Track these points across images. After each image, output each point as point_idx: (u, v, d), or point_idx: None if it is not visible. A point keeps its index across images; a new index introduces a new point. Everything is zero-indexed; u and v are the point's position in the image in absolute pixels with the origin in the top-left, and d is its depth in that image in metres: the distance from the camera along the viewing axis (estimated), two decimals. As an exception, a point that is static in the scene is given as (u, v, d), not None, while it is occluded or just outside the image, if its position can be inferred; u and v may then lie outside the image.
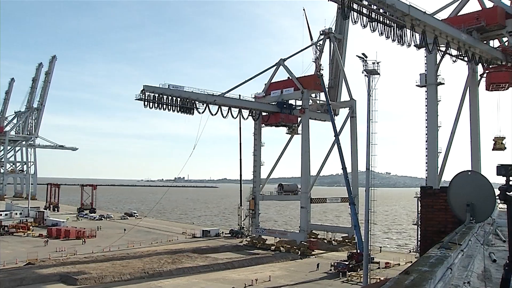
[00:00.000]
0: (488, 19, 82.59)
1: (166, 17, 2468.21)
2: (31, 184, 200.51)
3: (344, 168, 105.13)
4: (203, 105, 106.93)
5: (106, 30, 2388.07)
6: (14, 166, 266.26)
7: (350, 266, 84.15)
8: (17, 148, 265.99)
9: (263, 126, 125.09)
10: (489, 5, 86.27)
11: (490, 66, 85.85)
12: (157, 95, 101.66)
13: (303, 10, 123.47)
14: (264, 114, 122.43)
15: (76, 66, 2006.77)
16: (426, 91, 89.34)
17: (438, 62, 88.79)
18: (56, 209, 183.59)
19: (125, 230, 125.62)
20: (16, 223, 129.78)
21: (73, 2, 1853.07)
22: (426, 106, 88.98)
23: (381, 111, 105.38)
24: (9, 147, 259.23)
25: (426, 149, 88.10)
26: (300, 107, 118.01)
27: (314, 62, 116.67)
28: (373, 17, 61.86)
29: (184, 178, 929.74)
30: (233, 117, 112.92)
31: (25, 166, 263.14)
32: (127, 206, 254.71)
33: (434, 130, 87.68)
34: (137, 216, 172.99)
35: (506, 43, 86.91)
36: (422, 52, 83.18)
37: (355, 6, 59.82)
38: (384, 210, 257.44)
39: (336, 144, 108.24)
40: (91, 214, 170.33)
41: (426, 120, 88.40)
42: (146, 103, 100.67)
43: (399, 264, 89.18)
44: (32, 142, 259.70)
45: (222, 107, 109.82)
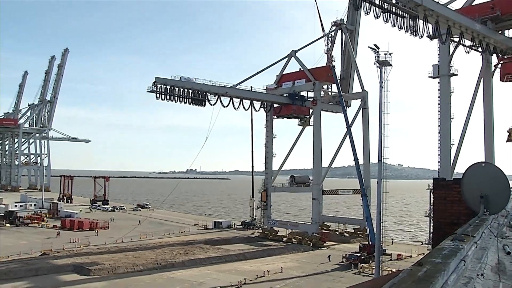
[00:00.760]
0: (503, 8, 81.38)
1: (177, 10, 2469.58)
2: (45, 176, 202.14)
3: (356, 159, 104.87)
4: (215, 97, 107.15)
5: (118, 24, 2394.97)
6: (28, 158, 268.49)
7: (362, 257, 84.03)
8: (31, 140, 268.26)
9: (275, 118, 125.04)
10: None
11: (505, 57, 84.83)
12: (168, 87, 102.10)
13: (315, 1, 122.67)
14: (275, 105, 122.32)
15: (89, 59, 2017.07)
16: (439, 82, 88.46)
17: (451, 53, 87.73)
18: (69, 200, 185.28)
19: (140, 222, 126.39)
20: (30, 214, 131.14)
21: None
22: (439, 97, 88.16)
23: (393, 103, 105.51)
24: (23, 140, 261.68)
25: (439, 140, 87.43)
26: (311, 99, 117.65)
27: (325, 53, 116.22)
28: (385, 7, 61.40)
29: (196, 170, 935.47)
30: (244, 108, 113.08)
31: (39, 158, 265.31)
32: (140, 198, 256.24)
33: (447, 122, 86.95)
34: (149, 207, 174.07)
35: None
36: (435, 42, 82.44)
37: (367, -3, 59.41)
38: (396, 202, 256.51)
39: (348, 135, 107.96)
40: (104, 206, 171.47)
41: (439, 111, 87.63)
42: (158, 95, 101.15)
43: (411, 256, 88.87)
44: (45, 135, 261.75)
45: (233, 99, 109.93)
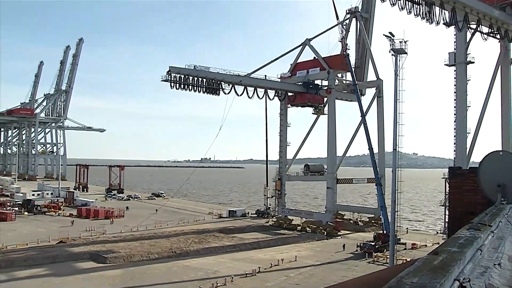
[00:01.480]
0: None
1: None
2: (61, 165, 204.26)
3: (370, 148, 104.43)
4: (229, 85, 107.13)
5: (132, 13, 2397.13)
6: (44, 147, 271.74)
7: (376, 246, 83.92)
8: (47, 130, 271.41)
9: (289, 107, 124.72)
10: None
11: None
12: (183, 76, 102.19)
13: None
14: (290, 94, 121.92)
15: (103, 49, 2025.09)
16: (455, 71, 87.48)
17: (468, 40, 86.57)
18: (85, 189, 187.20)
19: (156, 210, 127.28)
20: (47, 203, 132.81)
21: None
22: (455, 85, 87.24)
23: (408, 91, 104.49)
24: (39, 129, 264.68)
25: (455, 129, 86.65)
26: (326, 87, 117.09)
27: (340, 41, 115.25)
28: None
29: (210, 158, 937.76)
30: (259, 97, 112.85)
31: (55, 148, 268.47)
32: (154, 187, 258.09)
33: (463, 110, 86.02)
34: (164, 196, 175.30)
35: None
36: (451, 30, 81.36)
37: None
38: (411, 191, 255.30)
39: (362, 124, 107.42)
40: (119, 195, 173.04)
41: (455, 100, 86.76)
42: (172, 84, 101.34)
43: (426, 245, 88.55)
44: (61, 124, 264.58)
45: (248, 88, 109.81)
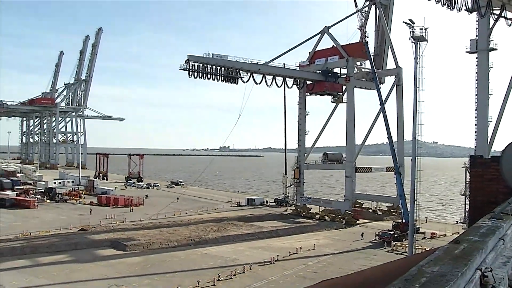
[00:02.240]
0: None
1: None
2: (81, 153, 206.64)
3: (389, 137, 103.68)
4: (247, 74, 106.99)
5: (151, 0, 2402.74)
6: (65, 136, 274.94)
7: (395, 236, 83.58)
8: (67, 119, 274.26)
9: (308, 95, 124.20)
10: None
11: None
12: (201, 65, 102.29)
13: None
14: (308, 82, 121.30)
15: (122, 37, 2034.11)
16: (476, 58, 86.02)
17: (491, 27, 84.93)
18: (105, 177, 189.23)
19: (178, 199, 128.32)
20: (68, 191, 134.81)
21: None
22: (476, 73, 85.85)
23: (428, 79, 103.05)
24: (60, 118, 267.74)
25: (476, 117, 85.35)
26: (345, 76, 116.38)
27: (359, 29, 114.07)
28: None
29: (229, 147, 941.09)
30: (277, 86, 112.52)
31: (75, 137, 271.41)
32: (173, 175, 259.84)
33: (484, 98, 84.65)
34: (183, 184, 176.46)
35: None
36: (473, 16, 80.00)
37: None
38: (430, 180, 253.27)
39: (381, 112, 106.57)
40: (139, 183, 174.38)
41: (476, 87, 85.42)
42: (190, 73, 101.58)
43: (445, 234, 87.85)
44: (81, 113, 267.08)
45: (266, 76, 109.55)
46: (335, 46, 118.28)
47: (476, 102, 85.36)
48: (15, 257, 65.73)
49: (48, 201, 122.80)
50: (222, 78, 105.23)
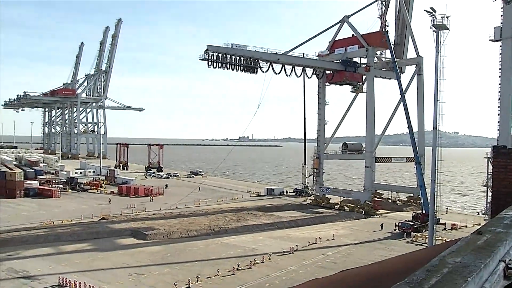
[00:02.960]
0: None
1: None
2: (102, 144, 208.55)
3: (410, 127, 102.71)
4: (267, 64, 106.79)
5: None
6: (86, 127, 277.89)
7: (415, 226, 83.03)
8: (88, 109, 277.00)
9: (327, 85, 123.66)
10: None
11: None
12: (220, 55, 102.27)
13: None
14: (328, 72, 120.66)
15: (142, 28, 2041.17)
16: (500, 46, 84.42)
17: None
18: (125, 167, 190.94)
19: (199, 189, 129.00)
20: (90, 181, 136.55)
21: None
22: (500, 61, 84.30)
23: (449, 68, 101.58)
24: (81, 109, 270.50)
25: (499, 107, 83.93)
26: (365, 65, 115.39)
27: (379, 18, 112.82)
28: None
29: (248, 137, 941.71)
30: (296, 75, 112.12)
31: (96, 127, 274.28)
32: (193, 165, 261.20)
33: (508, 87, 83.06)
34: (202, 174, 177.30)
35: None
36: (498, 3, 78.44)
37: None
38: (451, 171, 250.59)
39: (401, 102, 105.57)
40: (158, 173, 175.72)
41: (500, 77, 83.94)
42: (209, 63, 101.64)
43: (466, 226, 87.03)
44: (101, 104, 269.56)
45: (285, 66, 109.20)
46: (355, 35, 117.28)
47: (499, 92, 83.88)
48: (39, 245, 67.10)
49: (70, 190, 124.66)
50: (242, 68, 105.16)
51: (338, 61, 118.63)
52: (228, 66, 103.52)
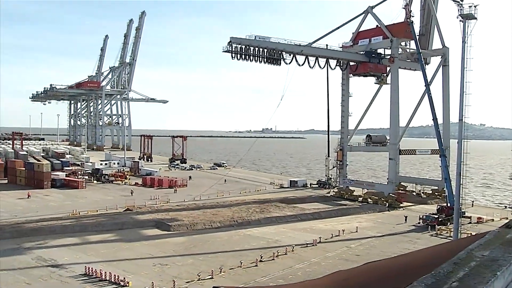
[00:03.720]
0: None
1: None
2: (126, 135, 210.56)
3: (435, 119, 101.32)
4: (290, 55, 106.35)
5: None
6: (110, 119, 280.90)
7: (440, 219, 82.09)
8: (112, 102, 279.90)
9: (351, 76, 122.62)
10: None
11: None
12: (243, 47, 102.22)
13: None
14: (352, 64, 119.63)
15: (163, 21, 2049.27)
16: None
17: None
18: (149, 159, 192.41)
19: (225, 181, 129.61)
20: (114, 172, 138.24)
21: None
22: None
23: (477, 59, 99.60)
24: (105, 101, 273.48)
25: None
26: (389, 56, 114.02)
27: (404, 8, 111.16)
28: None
29: (271, 129, 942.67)
30: (320, 67, 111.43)
31: (120, 119, 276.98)
32: (216, 157, 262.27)
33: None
34: (226, 166, 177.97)
35: None
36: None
37: None
38: (477, 163, 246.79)
39: (426, 94, 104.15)
40: (182, 164, 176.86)
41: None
42: (233, 55, 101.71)
43: (493, 219, 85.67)
44: (125, 96, 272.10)
45: (309, 58, 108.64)
46: (379, 26, 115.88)
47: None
48: (66, 234, 68.42)
49: (95, 181, 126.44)
50: (265, 60, 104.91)
51: (362, 52, 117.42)
52: (251, 58, 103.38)
